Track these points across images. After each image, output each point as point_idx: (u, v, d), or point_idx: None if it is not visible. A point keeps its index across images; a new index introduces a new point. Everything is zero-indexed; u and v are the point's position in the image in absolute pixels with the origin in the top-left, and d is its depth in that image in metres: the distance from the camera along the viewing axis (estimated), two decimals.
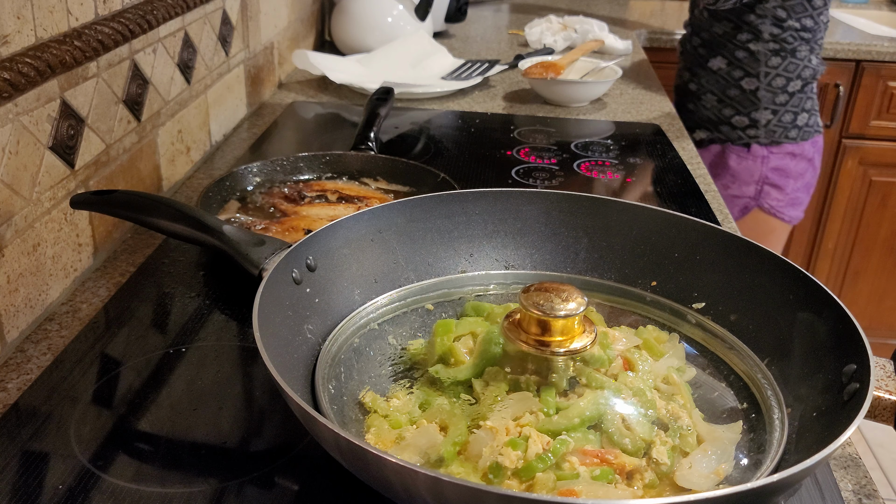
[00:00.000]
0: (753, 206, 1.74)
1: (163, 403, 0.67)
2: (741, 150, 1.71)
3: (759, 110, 1.68)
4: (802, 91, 1.69)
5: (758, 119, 1.68)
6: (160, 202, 0.77)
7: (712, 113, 1.73)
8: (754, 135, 1.69)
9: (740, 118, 1.69)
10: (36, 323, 0.79)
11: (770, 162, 1.70)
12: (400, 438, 0.57)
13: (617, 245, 0.75)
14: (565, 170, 1.21)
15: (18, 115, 0.73)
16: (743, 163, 1.71)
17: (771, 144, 1.69)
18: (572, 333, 0.59)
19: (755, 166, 1.71)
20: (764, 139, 1.69)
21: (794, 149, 1.71)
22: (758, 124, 1.68)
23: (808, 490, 0.60)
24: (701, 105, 1.75)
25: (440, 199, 0.75)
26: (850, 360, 0.55)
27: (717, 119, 1.72)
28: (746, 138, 1.70)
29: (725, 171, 1.74)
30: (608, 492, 0.52)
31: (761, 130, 1.69)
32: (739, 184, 1.73)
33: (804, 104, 1.70)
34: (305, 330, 0.63)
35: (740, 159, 1.71)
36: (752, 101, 1.68)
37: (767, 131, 1.68)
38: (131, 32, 0.90)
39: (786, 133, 1.69)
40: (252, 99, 1.44)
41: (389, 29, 1.76)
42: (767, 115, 1.67)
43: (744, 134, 1.70)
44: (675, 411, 0.59)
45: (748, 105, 1.68)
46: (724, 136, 1.73)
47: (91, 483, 0.58)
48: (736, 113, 1.70)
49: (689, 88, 1.78)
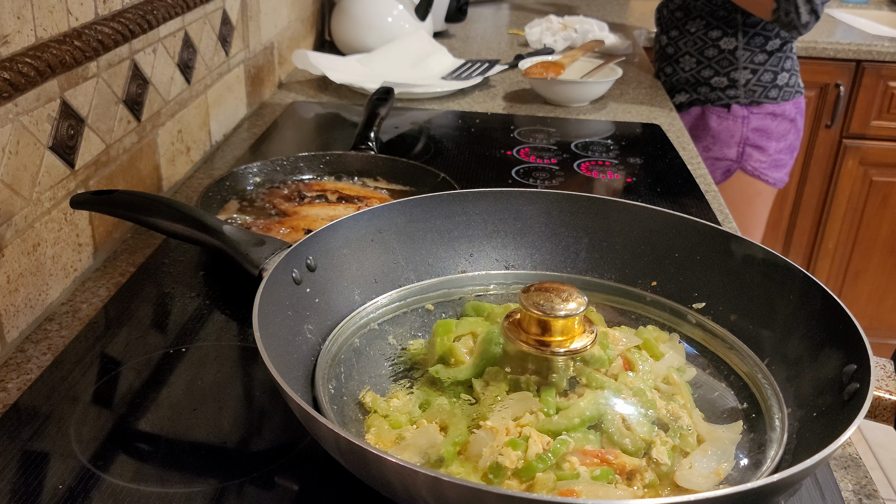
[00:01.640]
0: (736, 169, 1.72)
1: (163, 403, 0.67)
2: (721, 110, 1.70)
3: (738, 70, 1.67)
4: (781, 50, 1.67)
5: (737, 79, 1.67)
6: (160, 202, 0.77)
7: (690, 75, 1.72)
8: (734, 95, 1.68)
9: (719, 79, 1.68)
10: (36, 323, 0.79)
11: (751, 122, 1.69)
12: (400, 438, 0.57)
13: (617, 245, 0.75)
14: (565, 170, 1.21)
15: (18, 115, 0.73)
16: (723, 123, 1.70)
17: (751, 104, 1.68)
18: (572, 333, 0.59)
19: (735, 127, 1.69)
20: (744, 99, 1.68)
21: (774, 109, 1.69)
22: (737, 84, 1.67)
23: (809, 490, 0.60)
24: (679, 68, 1.74)
25: (440, 199, 0.75)
26: (850, 360, 0.55)
27: (695, 81, 1.71)
28: (726, 98, 1.69)
29: (706, 133, 1.72)
30: (608, 492, 0.52)
31: (741, 90, 1.68)
32: (720, 145, 1.71)
33: (783, 63, 1.68)
34: (305, 330, 0.63)
35: (720, 120, 1.70)
36: (730, 60, 1.67)
37: (747, 91, 1.67)
38: (131, 32, 0.90)
39: (766, 93, 1.68)
40: (252, 99, 1.44)
41: (389, 29, 1.76)
42: (747, 75, 1.66)
43: (723, 94, 1.69)
44: (675, 411, 0.59)
45: (727, 65, 1.67)
46: (703, 98, 1.72)
47: (91, 483, 0.58)
48: (715, 74, 1.69)
49: (666, 52, 1.77)
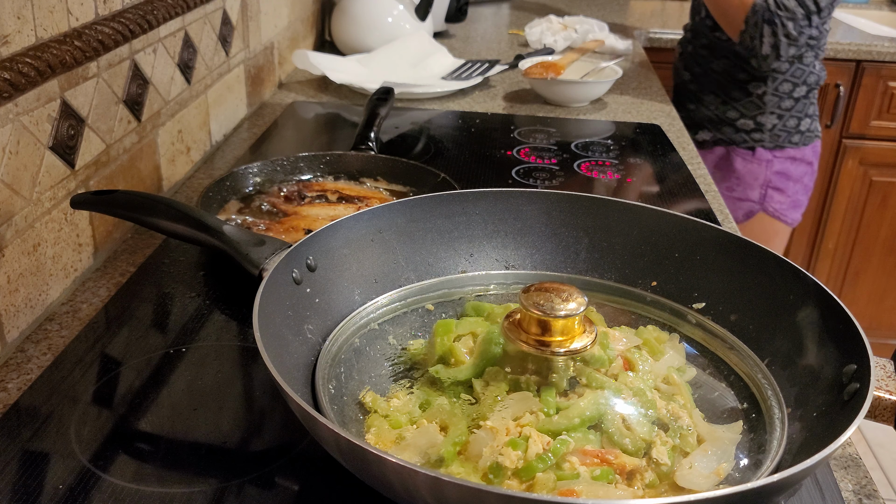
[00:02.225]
0: (758, 210, 1.74)
1: (163, 403, 0.67)
2: (746, 153, 1.71)
3: (765, 114, 1.68)
4: (807, 97, 1.69)
5: (763, 123, 1.68)
6: (160, 202, 0.77)
7: (714, 113, 1.73)
8: (759, 138, 1.70)
9: (745, 121, 1.69)
10: (36, 323, 0.79)
11: (774, 166, 1.71)
12: (400, 438, 0.57)
13: (617, 245, 0.75)
14: (565, 170, 1.21)
15: (19, 115, 0.73)
16: (748, 166, 1.72)
17: (775, 148, 1.70)
18: (572, 333, 0.59)
19: (760, 170, 1.71)
20: (769, 143, 1.70)
21: (795, 153, 1.72)
22: (763, 128, 1.69)
23: (809, 490, 0.60)
24: (702, 105, 1.75)
25: (440, 199, 0.75)
26: (850, 360, 0.55)
27: (718, 119, 1.73)
28: (751, 142, 1.70)
29: (731, 174, 1.74)
30: (608, 492, 0.52)
31: (766, 134, 1.69)
32: (744, 187, 1.73)
33: (807, 109, 1.70)
34: (305, 330, 0.63)
35: (745, 162, 1.72)
36: (757, 104, 1.68)
37: (772, 135, 1.69)
38: (131, 32, 0.90)
39: (789, 138, 1.70)
40: (252, 99, 1.44)
41: (389, 29, 1.76)
42: (773, 120, 1.68)
43: (748, 137, 1.70)
44: (675, 411, 0.59)
45: (753, 108, 1.68)
46: (727, 139, 1.73)
47: (91, 483, 0.58)
48: (741, 116, 1.70)
49: (689, 88, 1.78)
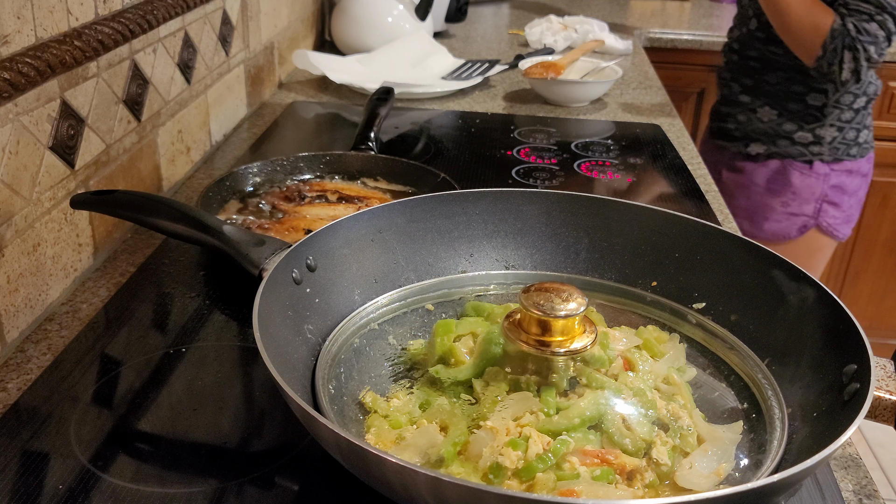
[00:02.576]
0: (812, 225, 1.68)
1: (163, 403, 0.67)
2: (804, 166, 1.65)
3: (825, 127, 1.61)
4: (865, 108, 1.64)
5: (822, 136, 1.62)
6: (160, 202, 0.77)
7: (770, 126, 1.65)
8: (818, 152, 1.63)
9: (803, 134, 1.63)
10: (36, 323, 0.79)
11: (831, 179, 1.65)
12: (400, 438, 0.57)
13: (617, 245, 0.75)
14: (565, 170, 1.21)
15: (18, 115, 0.73)
16: (806, 180, 1.65)
17: (833, 162, 1.64)
18: (572, 333, 0.59)
19: (817, 184, 1.65)
20: (827, 156, 1.63)
21: (852, 166, 1.66)
22: (822, 141, 1.62)
23: (809, 490, 0.60)
24: (756, 118, 1.67)
25: (440, 199, 0.75)
26: (850, 360, 0.55)
27: (774, 133, 1.65)
28: (809, 155, 1.64)
29: (787, 189, 1.67)
30: (608, 492, 0.52)
31: (825, 147, 1.62)
32: (800, 202, 1.67)
33: (865, 121, 1.65)
34: (305, 330, 0.63)
35: (803, 177, 1.65)
36: (816, 116, 1.61)
37: (831, 148, 1.62)
38: (131, 32, 0.90)
39: (847, 150, 1.64)
40: (252, 99, 1.44)
41: (389, 29, 1.76)
42: (833, 132, 1.61)
43: (806, 150, 1.63)
44: (675, 411, 0.58)
45: (812, 121, 1.62)
46: (783, 152, 1.66)
47: (91, 483, 0.58)
48: (798, 128, 1.63)
49: (740, 100, 1.70)
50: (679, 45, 2.29)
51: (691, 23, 2.43)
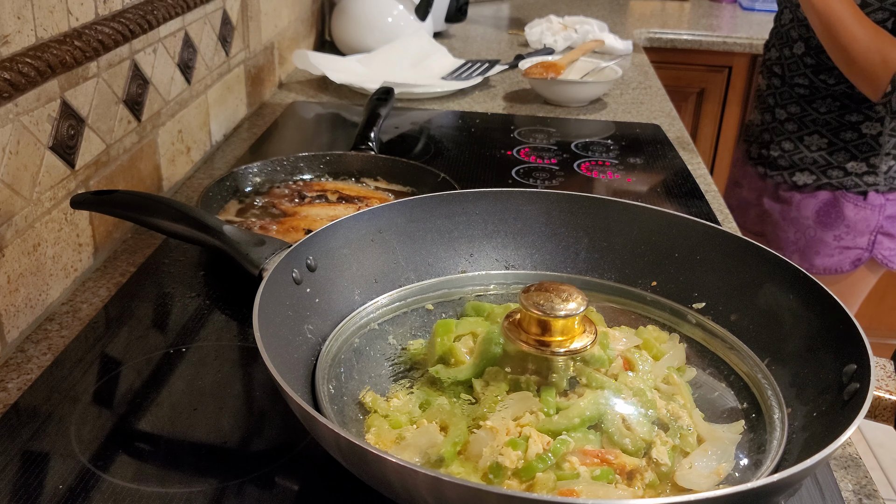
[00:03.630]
0: (867, 258, 1.59)
1: (163, 403, 0.67)
2: (857, 198, 1.55)
3: (880, 156, 1.52)
4: None
5: (878, 165, 1.52)
6: (160, 202, 0.77)
7: (819, 156, 1.56)
8: (873, 182, 1.54)
9: (857, 164, 1.53)
10: (36, 323, 0.79)
11: (886, 210, 1.55)
12: (400, 438, 0.57)
13: (617, 245, 0.75)
14: (565, 170, 1.21)
15: (19, 115, 0.73)
16: (860, 212, 1.55)
17: (888, 192, 1.55)
18: (572, 333, 0.59)
19: (872, 216, 1.55)
20: (883, 186, 1.54)
21: None
22: (877, 171, 1.53)
23: (809, 490, 0.60)
24: (804, 146, 1.57)
25: (440, 199, 0.75)
26: (850, 360, 0.55)
27: (825, 163, 1.55)
28: (864, 186, 1.54)
29: (840, 221, 1.57)
30: (608, 492, 0.52)
31: (881, 177, 1.53)
32: (854, 234, 1.57)
33: None
34: (305, 330, 0.63)
35: (858, 209, 1.55)
36: (871, 146, 1.52)
37: (887, 178, 1.53)
38: (131, 32, 0.90)
39: None
40: (252, 99, 1.44)
41: (389, 29, 1.76)
42: (889, 161, 1.52)
43: (860, 181, 1.54)
44: (675, 411, 0.59)
45: (866, 150, 1.52)
46: (835, 183, 1.56)
47: (91, 483, 0.58)
48: (851, 158, 1.53)
49: (785, 127, 1.59)
50: (679, 45, 2.29)
51: (691, 23, 2.43)
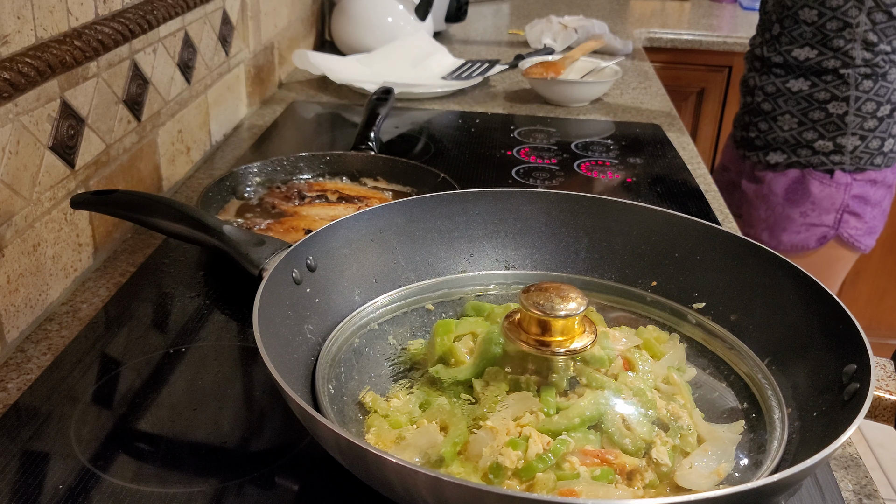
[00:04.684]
0: (833, 235, 1.63)
1: (163, 403, 0.67)
2: (824, 176, 1.60)
3: (847, 135, 1.57)
4: (891, 116, 1.58)
5: (844, 144, 1.57)
6: (160, 202, 0.77)
7: (790, 135, 1.61)
8: (839, 161, 1.58)
9: (824, 143, 1.58)
10: (36, 323, 0.79)
11: (852, 189, 1.60)
12: (400, 438, 0.57)
13: (617, 245, 0.75)
14: (565, 170, 1.21)
15: (18, 115, 0.73)
16: (826, 190, 1.60)
17: (855, 171, 1.59)
18: (572, 333, 0.59)
19: (837, 194, 1.60)
20: (849, 166, 1.59)
21: (876, 175, 1.61)
22: (843, 150, 1.57)
23: (809, 490, 0.60)
24: (777, 126, 1.63)
25: (440, 199, 0.75)
26: (850, 360, 0.55)
27: (795, 142, 1.61)
28: (830, 164, 1.59)
29: (806, 198, 1.62)
30: (608, 492, 0.52)
31: (847, 157, 1.58)
32: (819, 212, 1.62)
33: (891, 129, 1.59)
34: (305, 330, 0.63)
35: (823, 186, 1.60)
36: (838, 125, 1.57)
37: (853, 157, 1.58)
38: (131, 32, 0.90)
39: (871, 160, 1.59)
40: (252, 99, 1.44)
41: (389, 29, 1.76)
42: (855, 141, 1.57)
43: (827, 160, 1.59)
44: (675, 411, 0.59)
45: (833, 129, 1.57)
46: (804, 161, 1.61)
47: (91, 483, 0.58)
48: (819, 137, 1.58)
49: (761, 108, 1.65)
50: (679, 45, 2.29)
51: (691, 23, 2.43)
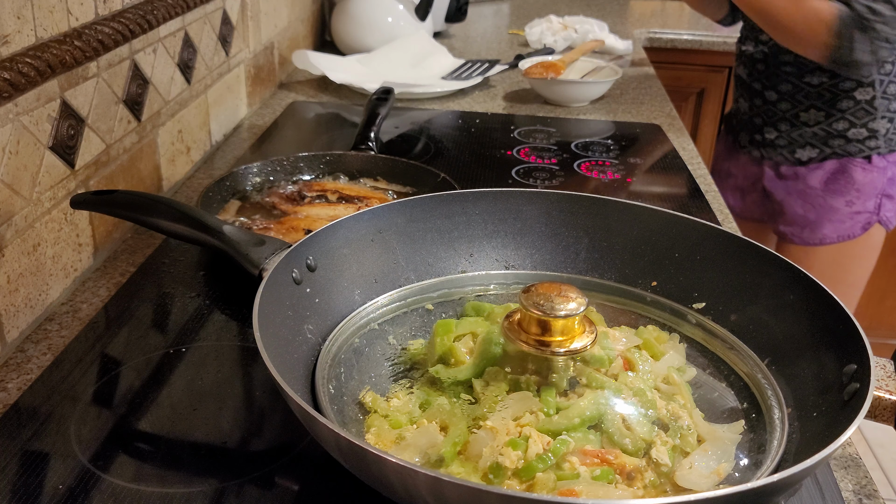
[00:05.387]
0: (875, 221, 1.64)
1: (163, 403, 0.67)
2: (863, 162, 1.60)
3: (877, 120, 1.57)
4: None
5: (876, 129, 1.57)
6: (160, 202, 0.77)
7: (819, 129, 1.60)
8: (875, 146, 1.58)
9: (857, 130, 1.58)
10: (36, 323, 0.79)
11: (888, 172, 1.61)
12: (400, 438, 0.57)
13: (617, 245, 0.75)
14: (565, 170, 1.21)
15: (18, 115, 0.73)
16: (868, 175, 1.60)
17: (889, 153, 1.60)
18: (572, 333, 0.59)
19: (879, 178, 1.61)
20: (884, 149, 1.59)
21: None
22: (877, 134, 1.58)
23: (809, 490, 0.60)
24: (801, 122, 1.61)
25: (440, 199, 0.75)
26: (850, 360, 0.55)
27: (825, 134, 1.60)
28: (867, 150, 1.59)
29: (850, 186, 1.61)
30: (608, 492, 0.52)
31: (881, 140, 1.58)
32: (864, 199, 1.62)
33: None
34: (305, 330, 0.63)
35: (865, 172, 1.60)
36: (867, 110, 1.57)
37: (886, 140, 1.59)
38: (131, 32, 0.90)
39: None
40: (252, 99, 1.44)
41: (389, 29, 1.76)
42: (885, 124, 1.58)
43: (864, 146, 1.59)
44: (675, 411, 0.58)
45: (864, 115, 1.57)
46: (840, 151, 1.60)
47: (91, 483, 0.58)
48: (851, 125, 1.58)
49: (779, 108, 1.63)
50: (679, 45, 2.29)
51: (691, 23, 2.43)
